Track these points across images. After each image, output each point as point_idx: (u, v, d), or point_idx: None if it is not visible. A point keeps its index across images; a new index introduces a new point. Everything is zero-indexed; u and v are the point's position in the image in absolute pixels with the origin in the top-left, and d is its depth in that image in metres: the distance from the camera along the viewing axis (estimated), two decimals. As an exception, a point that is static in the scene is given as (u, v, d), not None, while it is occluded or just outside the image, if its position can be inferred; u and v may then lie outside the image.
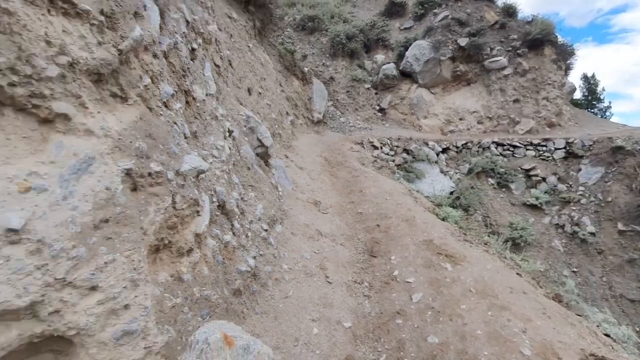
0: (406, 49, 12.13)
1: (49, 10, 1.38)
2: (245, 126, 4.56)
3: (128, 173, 1.59)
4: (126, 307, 1.48)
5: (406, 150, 10.10)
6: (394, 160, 9.74)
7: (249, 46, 7.91)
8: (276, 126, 7.73)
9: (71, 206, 1.35)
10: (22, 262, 1.20)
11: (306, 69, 11.46)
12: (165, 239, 1.83)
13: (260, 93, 7.42)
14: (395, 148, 10.06)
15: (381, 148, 9.90)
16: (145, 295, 1.57)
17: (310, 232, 4.54)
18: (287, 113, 9.24)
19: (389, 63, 12.55)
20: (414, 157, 9.90)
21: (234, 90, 5.61)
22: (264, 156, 4.82)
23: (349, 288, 3.66)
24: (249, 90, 6.79)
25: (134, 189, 1.64)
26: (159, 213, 1.71)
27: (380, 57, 13.07)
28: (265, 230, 3.66)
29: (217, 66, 4.48)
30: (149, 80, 1.88)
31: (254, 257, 3.08)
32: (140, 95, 1.80)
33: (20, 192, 1.23)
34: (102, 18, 1.53)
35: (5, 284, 1.17)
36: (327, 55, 13.08)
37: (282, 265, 3.55)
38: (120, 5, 1.66)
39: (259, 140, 4.69)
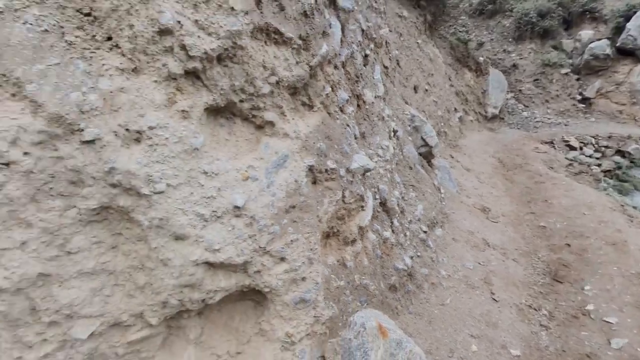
0: (628, 19, 9.16)
1: (265, 42, 1.79)
2: (409, 125, 4.57)
3: (310, 169, 1.90)
4: (303, 279, 1.79)
5: (621, 152, 7.70)
6: (599, 165, 7.61)
7: (417, 42, 7.80)
8: (442, 124, 7.36)
9: (272, 193, 1.73)
10: (241, 231, 1.64)
11: (481, 58, 10.33)
12: (335, 228, 2.10)
13: (426, 90, 7.22)
14: (602, 149, 7.84)
15: (581, 149, 7.91)
16: (317, 272, 1.85)
17: (475, 240, 4.15)
18: (455, 109, 8.63)
19: (599, 40, 9.80)
20: (632, 162, 7.44)
21: (400, 89, 5.68)
22: (427, 156, 4.70)
23: (520, 312, 3.16)
24: (415, 88, 6.71)
25: (314, 182, 1.95)
26: (332, 205, 1.98)
27: (586, 33, 10.37)
28: (424, 231, 3.59)
29: (386, 67, 4.65)
30: (330, 89, 2.18)
31: (411, 257, 3.08)
32: (323, 103, 2.11)
33: (242, 180, 1.68)
34: (300, 42, 1.87)
35: (231, 245, 1.63)
36: (510, 40, 11.36)
37: (440, 270, 3.41)
38: (313, 28, 1.98)
39: (423, 140, 4.60)
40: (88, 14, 1.44)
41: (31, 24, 1.33)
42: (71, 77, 1.36)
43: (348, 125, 2.34)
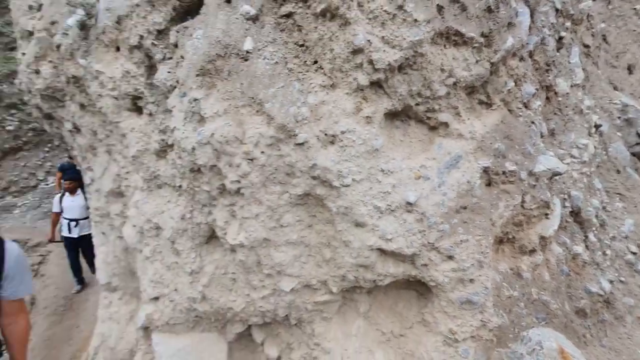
0: None
1: (444, 45, 1.84)
2: (619, 118, 3.61)
3: (485, 170, 1.85)
4: (471, 280, 1.79)
5: None
6: None
7: (634, 9, 5.90)
8: (677, 112, 5.39)
9: (442, 192, 1.80)
10: (411, 225, 1.78)
11: None
12: (510, 234, 1.96)
13: (652, 67, 5.43)
14: None
15: None
16: (487, 277, 1.81)
17: None
18: None
19: None
20: None
21: (607, 71, 4.51)
22: (646, 156, 3.61)
23: None
24: (630, 68, 5.16)
25: (488, 184, 1.89)
26: (508, 209, 1.87)
27: None
28: (634, 253, 2.83)
29: (587, 47, 3.80)
30: (513, 83, 2.02)
31: (611, 282, 2.51)
32: (503, 100, 1.98)
33: (415, 179, 1.81)
34: (482, 39, 1.82)
35: (402, 236, 1.80)
36: None
37: (657, 305, 2.63)
38: (497, 22, 1.88)
39: (639, 136, 3.56)
40: (302, 45, 1.86)
41: (268, 59, 1.83)
42: (290, 96, 1.80)
43: (533, 123, 2.11)
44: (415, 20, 1.70)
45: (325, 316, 2.11)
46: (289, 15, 1.83)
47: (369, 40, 1.70)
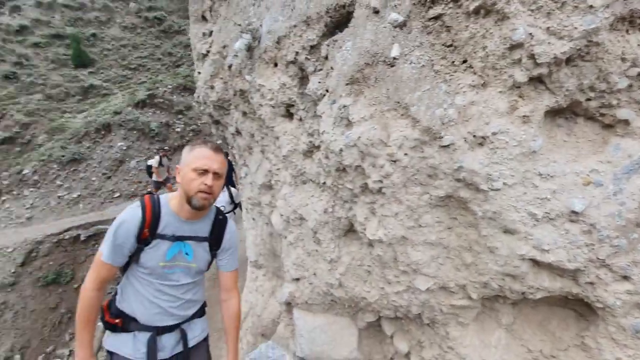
0: None
1: (627, 31, 1.56)
2: None
3: (684, 178, 1.51)
4: (658, 308, 1.51)
5: None
6: None
7: None
8: None
9: (620, 202, 1.55)
10: (576, 237, 1.60)
11: None
12: None
13: None
14: None
15: None
16: (682, 307, 1.49)
17: None
18: None
19: None
20: None
21: None
22: None
23: None
24: None
25: (689, 194, 1.54)
26: None
27: None
28: None
29: None
30: None
31: None
32: None
33: (582, 185, 1.61)
34: (688, 17, 1.49)
35: (562, 248, 1.63)
36: None
37: None
38: None
39: None
40: (450, 45, 1.84)
41: (414, 63, 1.88)
42: (436, 98, 1.82)
43: None
44: (591, 7, 1.50)
45: (461, 321, 2.08)
46: (437, 18, 1.84)
47: (530, 34, 1.58)
